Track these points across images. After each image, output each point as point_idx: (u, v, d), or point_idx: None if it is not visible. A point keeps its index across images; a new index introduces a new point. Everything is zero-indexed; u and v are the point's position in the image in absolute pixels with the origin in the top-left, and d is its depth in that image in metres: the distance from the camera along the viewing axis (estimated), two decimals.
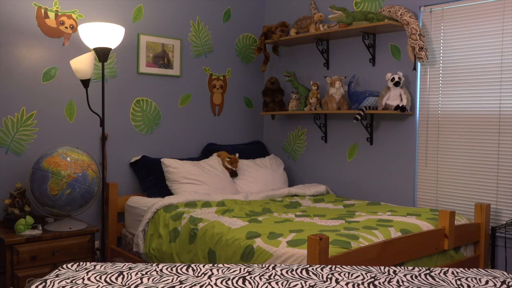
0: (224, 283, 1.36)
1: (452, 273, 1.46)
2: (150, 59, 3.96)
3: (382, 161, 3.84)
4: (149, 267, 1.50)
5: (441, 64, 3.55)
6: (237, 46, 4.56)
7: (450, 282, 1.38)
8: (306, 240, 2.30)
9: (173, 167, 3.77)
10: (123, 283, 1.35)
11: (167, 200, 3.39)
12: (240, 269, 1.49)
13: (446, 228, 2.81)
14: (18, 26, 3.34)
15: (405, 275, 1.44)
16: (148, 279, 1.39)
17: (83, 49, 3.49)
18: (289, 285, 1.35)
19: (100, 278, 1.38)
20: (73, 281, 1.35)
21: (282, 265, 1.54)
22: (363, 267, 1.52)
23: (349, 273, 1.45)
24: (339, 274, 1.44)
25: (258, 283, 1.35)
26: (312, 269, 1.48)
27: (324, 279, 1.40)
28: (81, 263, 1.56)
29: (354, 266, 1.53)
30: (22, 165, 3.31)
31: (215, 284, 1.35)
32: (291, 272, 1.46)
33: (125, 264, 1.50)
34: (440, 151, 3.56)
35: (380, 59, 3.86)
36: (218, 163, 4.04)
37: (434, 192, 3.58)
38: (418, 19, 3.60)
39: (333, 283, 1.36)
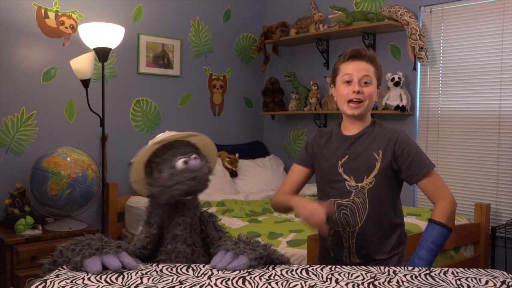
0: (224, 283, 1.36)
1: (452, 273, 1.46)
2: (150, 59, 3.96)
3: None
4: (149, 267, 1.50)
5: (441, 64, 3.55)
6: (237, 46, 4.56)
7: (450, 282, 1.38)
8: (306, 240, 2.30)
9: None
10: (123, 283, 1.35)
11: None
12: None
13: None
14: (18, 26, 3.34)
15: (405, 275, 1.44)
16: (148, 279, 1.39)
17: (83, 49, 3.49)
18: (289, 285, 1.35)
19: (100, 278, 1.38)
20: (73, 281, 1.35)
21: (282, 265, 1.54)
22: (363, 267, 1.52)
23: (349, 273, 1.45)
24: (339, 274, 1.44)
25: (258, 283, 1.35)
26: (312, 269, 1.48)
27: (324, 279, 1.40)
28: None
29: (354, 266, 1.53)
30: (22, 165, 3.31)
31: (215, 284, 1.35)
32: (291, 272, 1.46)
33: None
34: (440, 151, 3.56)
35: (380, 59, 3.86)
36: (218, 163, 4.04)
37: None
38: (418, 19, 3.60)
39: (333, 283, 1.36)
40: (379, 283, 1.36)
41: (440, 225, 1.76)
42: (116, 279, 1.37)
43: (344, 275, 1.43)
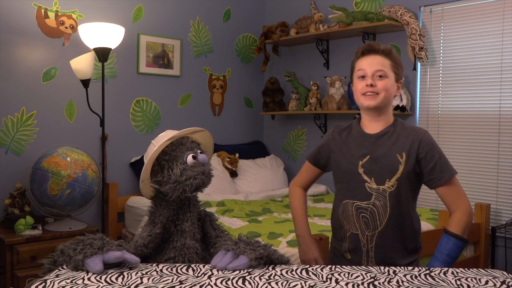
0: (224, 283, 1.36)
1: (452, 273, 1.46)
2: (150, 59, 3.96)
3: None
4: (149, 267, 1.50)
5: (441, 64, 3.55)
6: (237, 46, 4.56)
7: (450, 282, 1.38)
8: None
9: None
10: (123, 283, 1.35)
11: None
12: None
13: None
14: (18, 26, 3.34)
15: (405, 275, 1.44)
16: (148, 279, 1.39)
17: (83, 49, 3.50)
18: (289, 285, 1.35)
19: (100, 278, 1.39)
20: (73, 281, 1.35)
21: (282, 265, 1.54)
22: (363, 267, 1.52)
23: (349, 273, 1.45)
24: (339, 274, 1.44)
25: (258, 283, 1.35)
26: (312, 269, 1.48)
27: (324, 279, 1.40)
28: None
29: (354, 266, 1.53)
30: (22, 165, 3.31)
31: (215, 284, 1.35)
32: (291, 272, 1.46)
33: (125, 264, 1.50)
34: None
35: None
36: (218, 163, 4.04)
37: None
38: (418, 19, 3.60)
39: (333, 283, 1.36)
40: (379, 283, 1.36)
41: (456, 237, 1.74)
42: (116, 279, 1.37)
43: (344, 275, 1.43)
